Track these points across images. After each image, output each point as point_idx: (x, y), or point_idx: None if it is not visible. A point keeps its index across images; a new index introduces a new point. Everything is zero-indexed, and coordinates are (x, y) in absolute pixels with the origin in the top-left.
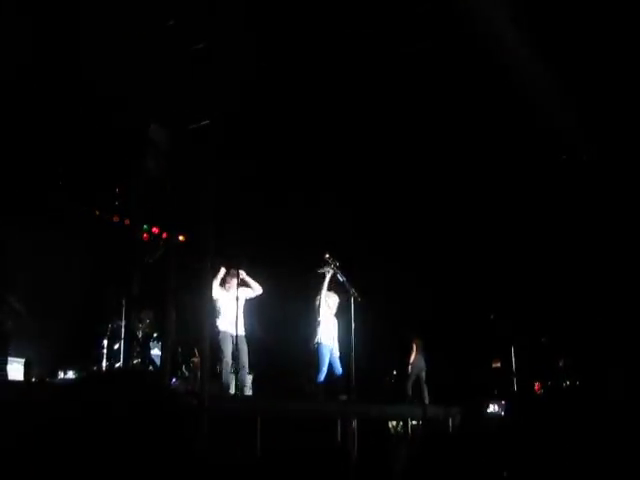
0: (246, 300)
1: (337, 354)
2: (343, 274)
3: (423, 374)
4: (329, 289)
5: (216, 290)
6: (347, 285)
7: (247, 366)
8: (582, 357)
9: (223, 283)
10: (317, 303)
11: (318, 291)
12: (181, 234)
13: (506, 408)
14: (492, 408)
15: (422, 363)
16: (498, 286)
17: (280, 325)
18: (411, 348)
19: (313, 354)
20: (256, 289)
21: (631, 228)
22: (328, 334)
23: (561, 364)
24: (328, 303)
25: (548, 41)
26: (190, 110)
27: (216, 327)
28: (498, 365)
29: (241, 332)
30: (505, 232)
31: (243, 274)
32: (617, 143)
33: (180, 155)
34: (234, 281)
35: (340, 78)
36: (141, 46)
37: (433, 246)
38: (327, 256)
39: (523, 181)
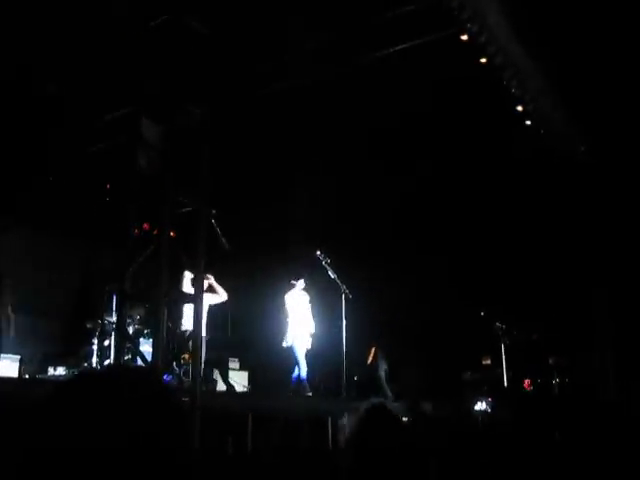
0: (210, 305)
1: (304, 351)
2: (334, 271)
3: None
4: (302, 288)
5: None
6: (338, 282)
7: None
8: (573, 355)
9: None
10: (285, 302)
11: (285, 291)
12: (172, 230)
13: (494, 405)
14: (479, 406)
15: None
16: (490, 283)
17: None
18: (369, 354)
19: (287, 353)
20: (222, 295)
21: (627, 227)
22: (299, 332)
23: (551, 362)
24: (298, 302)
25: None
26: (181, 104)
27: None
28: (488, 362)
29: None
30: (496, 228)
31: (211, 279)
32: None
33: (173, 151)
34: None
35: None
36: (134, 41)
37: (424, 242)
38: (319, 253)
39: (511, 178)
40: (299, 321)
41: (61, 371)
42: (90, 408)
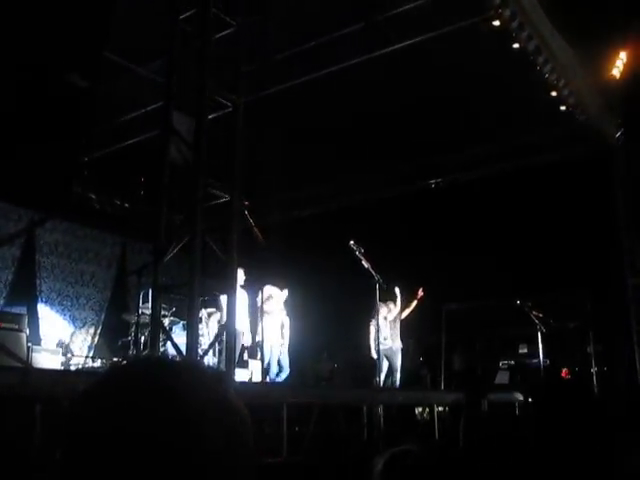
0: None
1: (278, 352)
2: (368, 260)
3: None
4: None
5: None
6: (372, 272)
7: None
8: (611, 343)
9: None
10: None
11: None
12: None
13: (532, 394)
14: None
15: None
16: (526, 271)
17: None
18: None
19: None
20: None
21: None
22: (272, 331)
23: (589, 350)
24: (273, 299)
25: None
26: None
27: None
28: (525, 351)
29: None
30: (532, 215)
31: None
32: None
33: (205, 143)
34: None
35: None
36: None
37: (458, 231)
38: (352, 242)
39: (545, 165)
40: (273, 320)
41: (99, 363)
42: (134, 396)
